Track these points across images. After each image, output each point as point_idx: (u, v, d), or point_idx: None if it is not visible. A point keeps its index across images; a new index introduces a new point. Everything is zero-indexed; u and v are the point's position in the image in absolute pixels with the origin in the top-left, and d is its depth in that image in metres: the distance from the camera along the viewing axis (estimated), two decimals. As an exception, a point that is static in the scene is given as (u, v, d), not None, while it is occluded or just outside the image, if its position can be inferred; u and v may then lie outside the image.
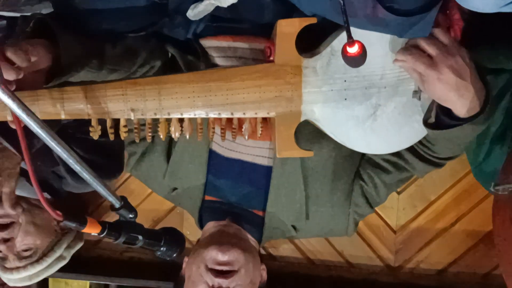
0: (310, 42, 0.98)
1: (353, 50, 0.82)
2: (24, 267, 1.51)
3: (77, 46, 0.95)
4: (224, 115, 0.96)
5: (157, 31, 1.08)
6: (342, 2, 0.77)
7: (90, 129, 0.95)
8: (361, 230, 1.70)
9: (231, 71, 0.95)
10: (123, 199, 0.90)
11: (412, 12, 0.84)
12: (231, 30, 1.07)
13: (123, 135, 0.98)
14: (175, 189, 1.24)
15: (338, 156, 1.09)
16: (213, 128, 1.00)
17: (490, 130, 1.16)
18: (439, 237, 1.67)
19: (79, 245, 1.67)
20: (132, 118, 0.94)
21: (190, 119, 0.97)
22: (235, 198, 1.19)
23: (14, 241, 1.48)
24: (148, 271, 1.75)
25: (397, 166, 1.11)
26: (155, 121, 0.98)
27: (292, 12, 1.00)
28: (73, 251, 1.64)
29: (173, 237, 0.99)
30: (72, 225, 0.83)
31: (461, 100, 0.88)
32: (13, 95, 0.73)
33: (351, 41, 0.81)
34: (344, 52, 0.83)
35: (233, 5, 0.96)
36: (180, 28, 1.07)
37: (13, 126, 0.93)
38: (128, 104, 0.93)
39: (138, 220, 0.93)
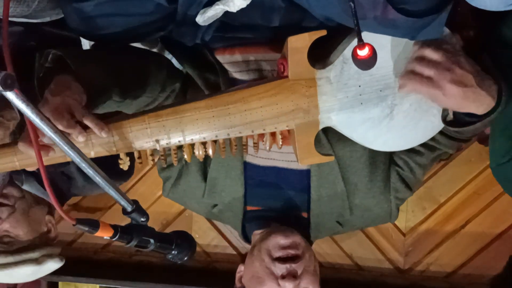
0: (320, 50, 0.99)
1: (363, 52, 0.82)
2: None
3: (96, 77, 0.96)
4: (245, 133, 0.98)
5: (166, 36, 1.09)
6: (352, 4, 0.77)
7: (119, 161, 0.98)
8: (370, 233, 1.70)
9: (247, 92, 0.97)
10: (135, 202, 0.90)
11: (424, 13, 0.84)
12: (240, 40, 1.08)
13: (150, 163, 0.99)
14: (215, 205, 1.25)
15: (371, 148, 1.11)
16: (235, 145, 1.02)
17: None
18: (448, 239, 1.67)
19: (59, 264, 1.52)
20: (158, 149, 0.97)
21: (212, 140, 0.99)
22: (277, 204, 1.20)
23: (1, 222, 1.45)
24: (157, 274, 1.76)
25: (429, 146, 1.12)
26: (180, 146, 1.00)
27: (303, 14, 1.00)
28: (49, 262, 1.51)
29: (184, 240, 0.99)
30: (85, 229, 0.83)
31: (474, 103, 0.90)
32: (26, 100, 0.73)
33: (361, 44, 0.81)
34: (354, 55, 0.83)
35: (242, 9, 0.96)
36: (188, 34, 1.07)
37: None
38: (152, 136, 0.96)
39: (146, 224, 0.94)
